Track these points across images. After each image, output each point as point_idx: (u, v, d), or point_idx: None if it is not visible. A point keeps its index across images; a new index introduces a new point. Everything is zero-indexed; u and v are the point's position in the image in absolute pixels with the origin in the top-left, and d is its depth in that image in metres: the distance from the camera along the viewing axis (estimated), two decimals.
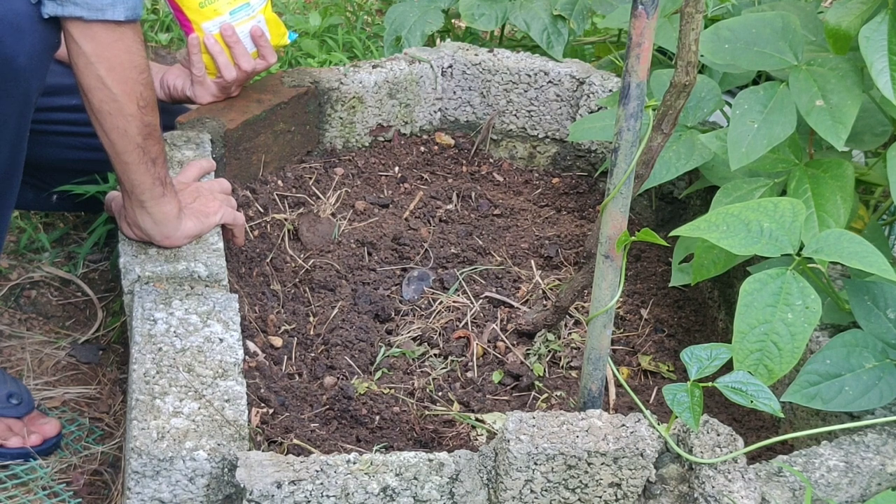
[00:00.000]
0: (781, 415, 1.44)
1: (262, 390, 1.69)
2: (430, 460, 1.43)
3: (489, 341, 1.92)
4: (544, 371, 1.86)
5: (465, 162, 2.42)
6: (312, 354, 1.87)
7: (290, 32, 2.19)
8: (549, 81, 2.39)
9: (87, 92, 1.59)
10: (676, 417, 1.44)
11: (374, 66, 2.32)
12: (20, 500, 1.69)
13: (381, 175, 2.33)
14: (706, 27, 1.86)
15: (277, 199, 2.15)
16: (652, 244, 2.14)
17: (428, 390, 1.81)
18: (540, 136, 2.44)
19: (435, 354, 1.90)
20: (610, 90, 2.33)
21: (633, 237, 1.45)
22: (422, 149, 2.41)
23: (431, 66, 2.38)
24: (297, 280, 2.02)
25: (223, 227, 1.83)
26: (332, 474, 1.38)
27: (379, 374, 1.85)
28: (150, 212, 1.69)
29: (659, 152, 1.56)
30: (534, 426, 1.44)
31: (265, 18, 2.09)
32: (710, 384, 1.44)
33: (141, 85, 1.59)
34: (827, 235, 1.54)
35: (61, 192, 2.11)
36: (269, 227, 2.09)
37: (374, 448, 1.66)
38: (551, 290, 2.04)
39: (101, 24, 1.54)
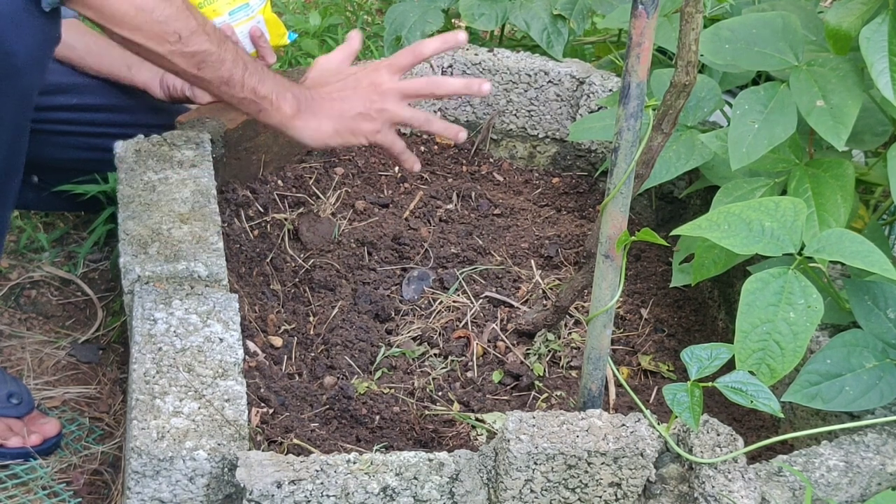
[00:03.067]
0: (781, 415, 1.44)
1: (262, 390, 1.69)
2: (430, 460, 1.43)
3: (489, 341, 1.92)
4: (544, 371, 1.86)
5: (465, 162, 2.42)
6: (312, 354, 1.87)
7: (290, 33, 2.19)
8: (549, 81, 2.38)
9: (139, 55, 1.59)
10: (676, 417, 1.44)
11: None
12: (20, 499, 1.69)
13: (381, 175, 2.33)
14: (705, 27, 1.86)
15: (277, 199, 2.15)
16: (652, 244, 2.14)
17: (428, 390, 1.81)
18: (540, 136, 2.44)
19: (435, 354, 1.90)
20: (610, 90, 2.33)
21: (633, 237, 1.45)
22: (422, 148, 2.41)
23: (431, 66, 2.38)
24: (297, 280, 2.02)
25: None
26: (332, 474, 1.38)
27: (379, 373, 1.85)
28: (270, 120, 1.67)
29: (659, 152, 1.56)
30: (534, 426, 1.44)
31: (264, 19, 2.09)
32: (710, 384, 1.44)
33: (160, 23, 1.55)
34: (829, 235, 1.54)
35: (61, 192, 2.11)
36: (268, 226, 2.09)
37: (374, 448, 1.66)
38: (551, 289, 2.04)
39: None
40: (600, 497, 1.45)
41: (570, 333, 1.93)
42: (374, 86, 1.74)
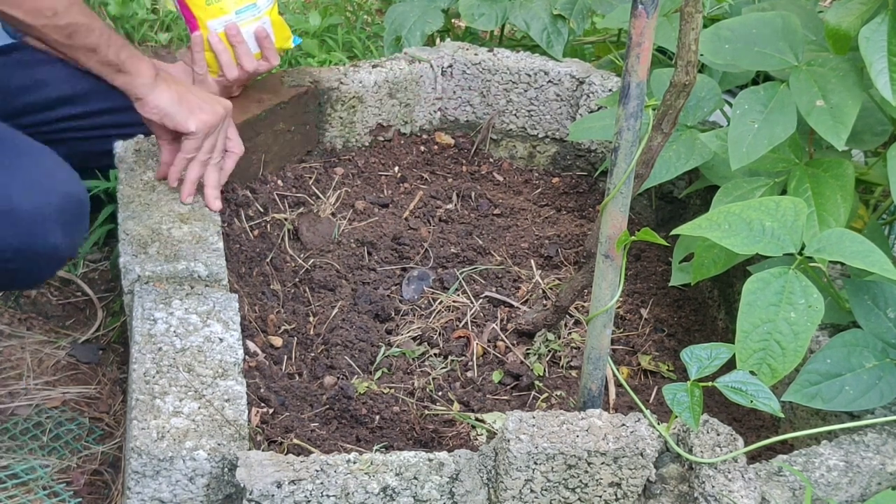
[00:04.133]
0: (781, 415, 1.44)
1: (262, 390, 1.69)
2: (430, 460, 1.43)
3: (489, 341, 1.92)
4: (544, 371, 1.86)
5: (464, 162, 2.42)
6: (312, 354, 1.87)
7: (295, 37, 2.19)
8: (549, 81, 2.38)
9: (13, 26, 1.73)
10: (676, 417, 1.44)
11: (373, 66, 2.32)
12: (20, 499, 1.69)
13: (381, 175, 2.33)
14: (705, 27, 1.86)
15: (277, 199, 2.15)
16: (652, 244, 2.14)
17: (428, 390, 1.81)
18: (540, 136, 2.44)
19: (435, 354, 1.90)
20: (610, 90, 2.33)
21: (632, 237, 1.45)
22: (422, 148, 2.41)
23: (431, 66, 2.38)
24: (297, 280, 2.02)
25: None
26: (332, 474, 1.38)
27: (379, 373, 1.85)
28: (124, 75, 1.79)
29: (659, 152, 1.56)
30: (534, 426, 1.44)
31: (271, 20, 2.09)
32: (709, 384, 1.44)
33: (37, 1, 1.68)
34: (829, 235, 1.54)
35: None
36: (269, 226, 2.09)
37: (374, 448, 1.66)
38: (551, 289, 2.04)
39: None
40: (600, 497, 1.45)
41: (570, 333, 1.93)
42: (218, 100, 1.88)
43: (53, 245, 1.67)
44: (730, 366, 1.49)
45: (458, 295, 2.01)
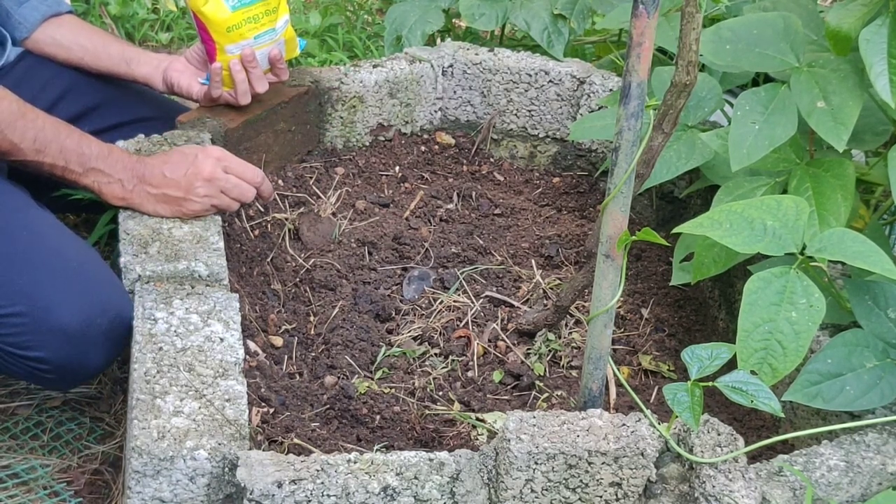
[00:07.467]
0: (781, 414, 1.44)
1: (263, 390, 1.69)
2: (431, 460, 1.43)
3: (490, 341, 1.92)
4: (545, 370, 1.86)
5: (465, 161, 2.42)
6: (313, 354, 1.87)
7: (300, 41, 2.18)
8: (550, 81, 2.39)
9: None
10: (677, 417, 1.44)
11: (374, 66, 2.32)
12: (20, 499, 1.69)
13: (382, 174, 2.33)
14: (704, 26, 1.86)
15: (278, 199, 2.15)
16: (652, 243, 2.14)
17: (428, 390, 1.81)
18: (540, 136, 2.44)
19: (435, 354, 1.90)
20: (610, 89, 2.33)
21: (633, 237, 1.45)
22: (422, 148, 2.41)
23: (432, 66, 2.38)
24: (298, 279, 2.02)
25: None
26: (332, 474, 1.38)
27: (379, 373, 1.85)
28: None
29: (660, 152, 1.56)
30: (534, 426, 1.44)
31: (285, 40, 2.09)
32: (710, 384, 1.44)
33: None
34: (830, 234, 1.54)
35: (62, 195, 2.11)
36: (269, 226, 2.09)
37: (375, 447, 1.66)
38: (552, 289, 2.04)
39: None
40: (601, 497, 1.45)
41: (570, 333, 1.93)
42: (195, 174, 1.81)
43: (94, 365, 1.68)
44: (730, 365, 1.49)
45: (459, 295, 2.01)
